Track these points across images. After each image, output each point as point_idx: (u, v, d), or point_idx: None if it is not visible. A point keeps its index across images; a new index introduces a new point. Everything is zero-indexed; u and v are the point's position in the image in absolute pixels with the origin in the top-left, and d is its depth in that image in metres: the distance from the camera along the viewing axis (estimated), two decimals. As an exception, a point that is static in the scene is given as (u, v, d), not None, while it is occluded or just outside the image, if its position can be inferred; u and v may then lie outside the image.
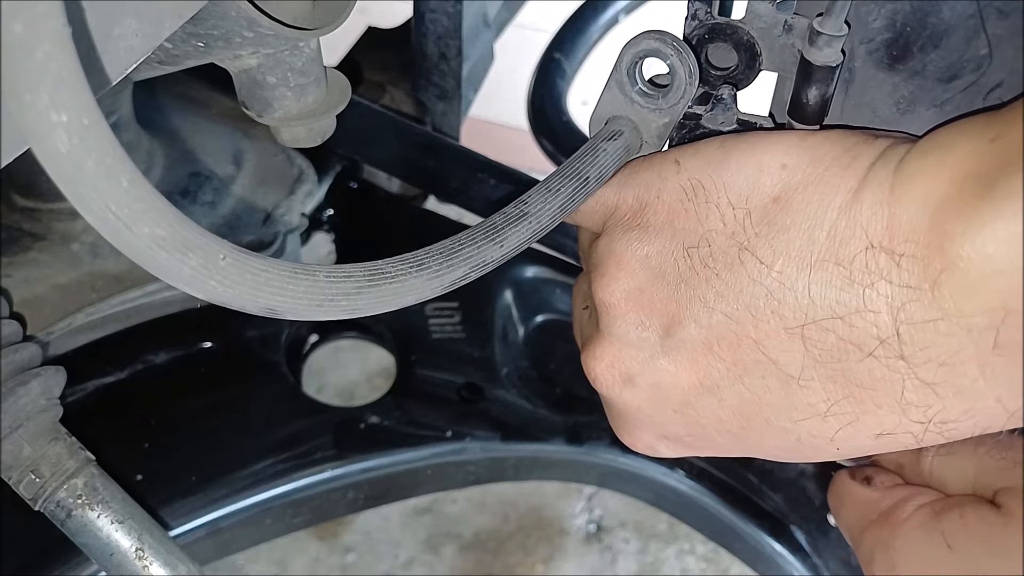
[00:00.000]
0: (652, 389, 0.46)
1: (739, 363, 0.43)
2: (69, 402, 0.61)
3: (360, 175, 1.01)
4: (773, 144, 0.43)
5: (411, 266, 0.40)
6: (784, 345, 0.41)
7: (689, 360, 0.44)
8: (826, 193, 0.40)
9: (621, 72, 0.47)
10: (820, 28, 0.41)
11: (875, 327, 0.39)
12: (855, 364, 0.40)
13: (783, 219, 0.41)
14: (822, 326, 0.40)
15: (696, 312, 0.43)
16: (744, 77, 0.47)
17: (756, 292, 0.42)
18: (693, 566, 1.30)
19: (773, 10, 0.44)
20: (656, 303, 0.45)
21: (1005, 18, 0.41)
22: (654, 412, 0.47)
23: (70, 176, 0.27)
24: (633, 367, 0.46)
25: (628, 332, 0.46)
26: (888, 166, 0.39)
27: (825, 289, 0.40)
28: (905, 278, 0.38)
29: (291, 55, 0.50)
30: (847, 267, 0.39)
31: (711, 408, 0.45)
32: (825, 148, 0.42)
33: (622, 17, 1.22)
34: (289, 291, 0.35)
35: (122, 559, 0.56)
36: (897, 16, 0.42)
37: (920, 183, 0.38)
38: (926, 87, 0.43)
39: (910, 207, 0.38)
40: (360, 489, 0.82)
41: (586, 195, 0.45)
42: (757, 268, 0.42)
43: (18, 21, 0.25)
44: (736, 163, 0.43)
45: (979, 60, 0.42)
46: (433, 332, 0.91)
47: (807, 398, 0.42)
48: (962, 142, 0.37)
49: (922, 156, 0.38)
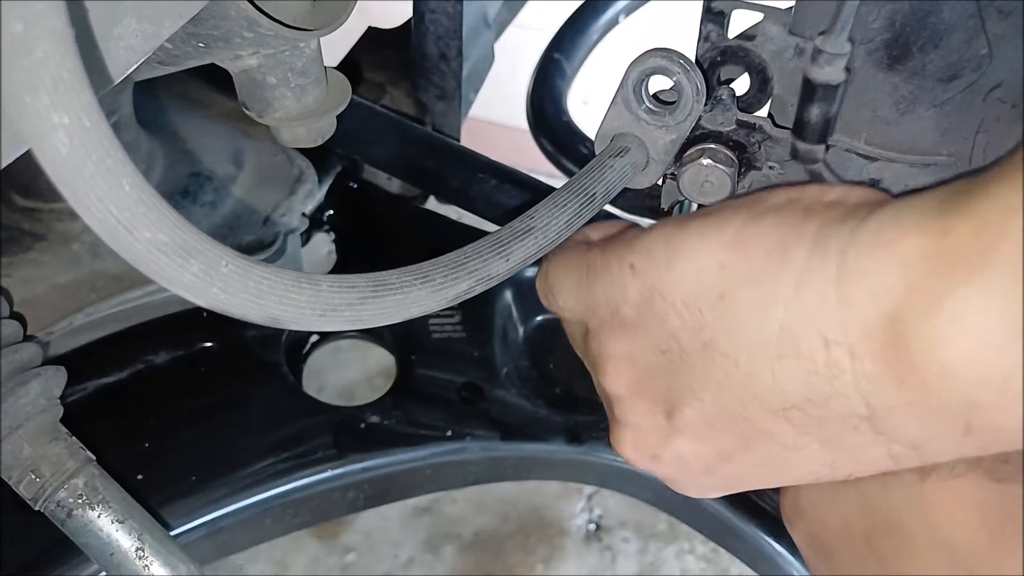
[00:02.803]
0: (677, 462, 0.49)
1: (742, 436, 0.45)
2: (69, 402, 0.61)
3: (360, 175, 1.01)
4: (711, 242, 0.43)
5: (416, 278, 0.39)
6: (773, 423, 0.43)
7: (698, 437, 0.46)
8: (767, 291, 0.40)
9: (627, 89, 0.47)
10: (822, 46, 0.41)
11: (850, 408, 0.39)
12: (841, 434, 0.41)
13: (733, 317, 0.42)
14: (800, 408, 0.41)
15: (689, 399, 0.45)
16: (755, 100, 0.47)
17: (731, 383, 0.43)
18: (693, 566, 1.30)
19: (784, 32, 0.44)
20: (655, 392, 0.47)
21: (1005, 18, 0.41)
22: (687, 478, 0.50)
23: (70, 179, 0.27)
24: (655, 448, 0.49)
25: (640, 420, 0.48)
26: (827, 259, 0.39)
27: (793, 380, 0.40)
28: (868, 370, 0.38)
29: (291, 55, 0.50)
30: (809, 360, 0.39)
31: (734, 470, 0.47)
32: (757, 242, 0.42)
33: (622, 17, 1.21)
34: (292, 300, 0.35)
35: (122, 559, 0.56)
36: (897, 16, 0.42)
37: (867, 285, 0.37)
38: (926, 87, 0.43)
39: (861, 309, 0.37)
40: (360, 489, 0.82)
41: (592, 211, 0.46)
42: (724, 361, 0.43)
43: (18, 20, 0.25)
44: (680, 264, 0.44)
45: (979, 60, 0.42)
46: (433, 332, 0.90)
47: (811, 457, 0.43)
48: (909, 238, 0.36)
49: (867, 253, 0.38)
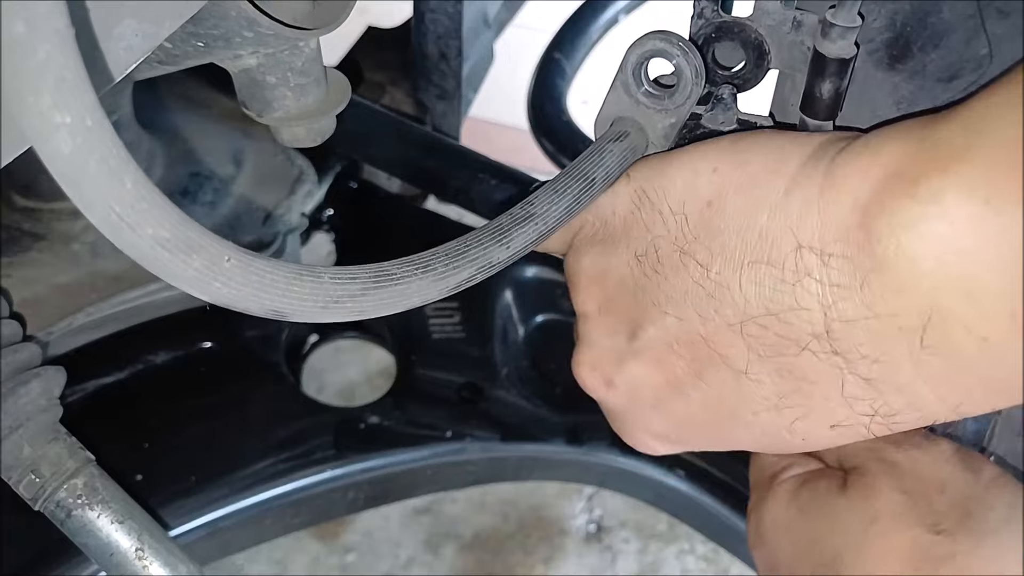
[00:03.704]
0: (629, 388, 0.49)
1: (696, 360, 0.45)
2: (69, 402, 0.61)
3: (360, 175, 1.01)
4: (707, 150, 0.44)
5: (417, 268, 0.39)
6: (730, 341, 0.43)
7: (654, 360, 0.47)
8: (756, 195, 0.41)
9: (626, 73, 0.47)
10: (833, 19, 0.41)
11: (808, 323, 0.40)
12: (794, 359, 0.41)
13: (717, 222, 0.43)
14: (759, 323, 0.41)
15: (653, 316, 0.46)
16: (752, 76, 0.47)
17: (699, 293, 0.43)
18: (693, 566, 1.30)
19: (781, 7, 0.44)
20: (621, 310, 0.47)
21: (1005, 18, 0.41)
22: (636, 410, 0.49)
23: (73, 177, 0.27)
24: (610, 370, 0.49)
25: (601, 339, 0.49)
26: (818, 167, 0.40)
27: (758, 288, 0.41)
28: (834, 277, 0.38)
29: (291, 55, 0.50)
30: (778, 267, 0.40)
31: (681, 404, 0.47)
32: (753, 151, 0.43)
33: (622, 17, 1.22)
34: (294, 293, 0.35)
35: (122, 559, 0.56)
36: (897, 16, 0.42)
37: (849, 183, 0.38)
38: (926, 87, 0.43)
39: (839, 208, 0.38)
40: (360, 489, 0.82)
41: (592, 196, 0.46)
42: (697, 271, 0.43)
43: (20, 21, 0.25)
44: (674, 170, 0.45)
45: (979, 60, 0.42)
46: (433, 332, 0.91)
47: (759, 391, 0.43)
48: (893, 142, 0.37)
49: (853, 157, 0.39)
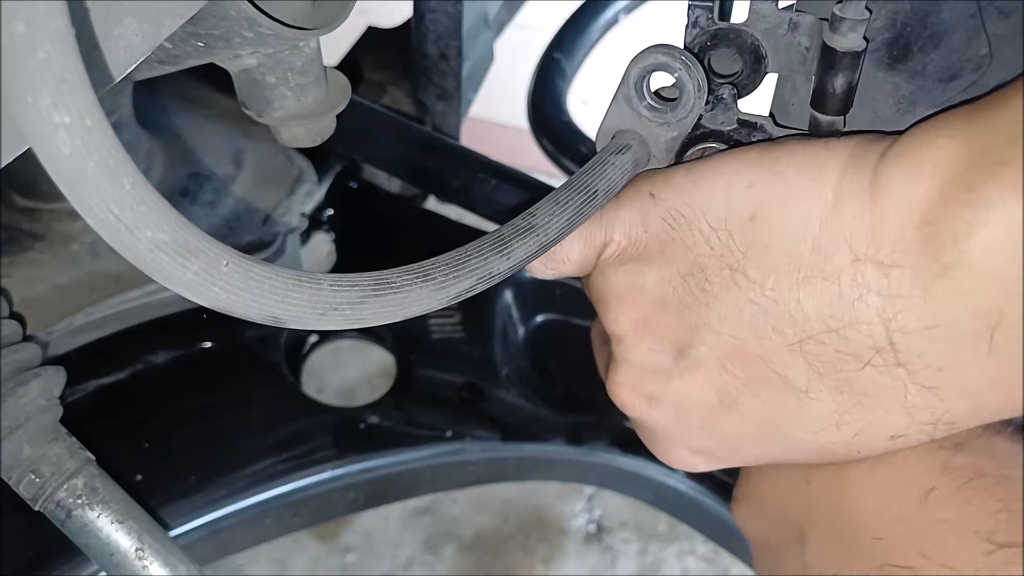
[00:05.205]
0: (676, 407, 0.47)
1: (752, 379, 0.44)
2: (69, 402, 0.61)
3: (360, 175, 1.01)
4: (736, 163, 0.43)
5: (417, 276, 0.39)
6: (788, 360, 0.42)
7: (705, 379, 0.45)
8: (802, 207, 0.41)
9: (628, 86, 0.47)
10: (842, 13, 0.41)
11: (869, 338, 0.39)
12: (856, 374, 0.40)
13: (765, 236, 0.42)
14: (819, 340, 0.41)
15: (703, 335, 0.44)
16: (750, 82, 0.46)
17: (754, 311, 0.42)
18: (693, 566, 1.30)
19: (776, 9, 0.44)
20: (662, 329, 0.46)
21: (1005, 18, 0.41)
22: (681, 429, 0.48)
23: (72, 178, 0.27)
24: (654, 388, 0.47)
25: (643, 358, 0.47)
26: (863, 173, 0.39)
27: (817, 304, 0.40)
28: (895, 288, 0.38)
29: (291, 55, 0.50)
30: (835, 281, 0.39)
31: (734, 423, 0.46)
32: (786, 160, 0.42)
33: (622, 17, 1.21)
34: (293, 299, 0.35)
35: (122, 559, 0.56)
36: (897, 16, 0.42)
37: (900, 190, 0.38)
38: (926, 87, 0.43)
39: (893, 217, 0.38)
40: (360, 489, 0.82)
41: (594, 208, 0.45)
42: (751, 287, 0.42)
43: (20, 21, 0.25)
44: (706, 188, 0.44)
45: (979, 60, 0.42)
46: (433, 332, 0.90)
47: (819, 409, 0.43)
48: (940, 144, 0.37)
49: (898, 161, 0.38)
